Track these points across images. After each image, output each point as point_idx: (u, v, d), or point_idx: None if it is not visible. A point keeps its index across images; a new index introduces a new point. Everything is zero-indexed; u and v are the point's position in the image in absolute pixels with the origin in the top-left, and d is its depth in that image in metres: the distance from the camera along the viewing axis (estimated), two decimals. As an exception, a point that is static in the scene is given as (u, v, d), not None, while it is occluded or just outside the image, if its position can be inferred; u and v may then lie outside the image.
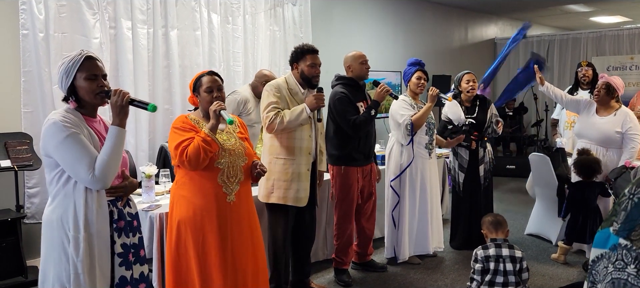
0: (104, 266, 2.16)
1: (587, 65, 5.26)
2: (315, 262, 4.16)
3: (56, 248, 2.11)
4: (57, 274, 2.11)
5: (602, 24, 10.67)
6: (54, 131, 2.06)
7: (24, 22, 4.01)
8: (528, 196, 5.47)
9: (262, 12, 5.69)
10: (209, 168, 2.60)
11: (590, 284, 2.30)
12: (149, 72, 4.75)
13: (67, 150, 2.05)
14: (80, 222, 2.08)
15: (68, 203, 2.09)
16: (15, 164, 3.78)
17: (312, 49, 3.42)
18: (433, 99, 4.10)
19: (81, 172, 2.05)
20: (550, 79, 9.24)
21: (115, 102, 2.13)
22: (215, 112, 2.58)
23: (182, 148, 2.54)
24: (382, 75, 7.20)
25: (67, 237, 2.08)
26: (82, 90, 2.15)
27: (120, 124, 2.14)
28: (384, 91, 3.72)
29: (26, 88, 4.05)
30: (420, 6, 8.23)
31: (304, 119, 3.28)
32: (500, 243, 3.12)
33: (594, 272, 2.20)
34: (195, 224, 2.61)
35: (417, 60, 4.25)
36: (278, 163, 3.33)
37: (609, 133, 4.17)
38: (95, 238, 2.11)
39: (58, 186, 2.11)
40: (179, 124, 2.66)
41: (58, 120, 2.07)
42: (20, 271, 3.85)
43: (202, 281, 2.62)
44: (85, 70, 2.14)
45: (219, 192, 2.63)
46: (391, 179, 4.20)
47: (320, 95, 3.32)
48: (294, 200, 3.35)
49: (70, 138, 2.05)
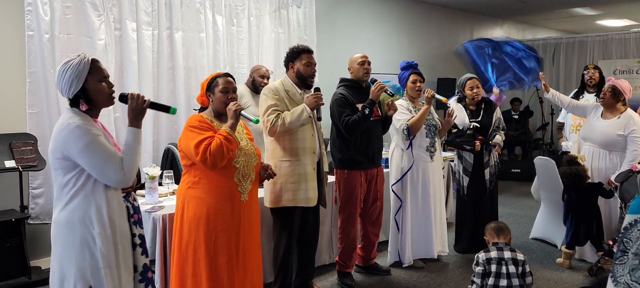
0: (128, 258, 2.28)
1: (594, 68, 5.22)
2: (321, 265, 4.15)
3: (77, 248, 2.13)
4: (80, 272, 2.13)
5: (609, 27, 10.61)
6: (78, 135, 2.09)
7: (29, 23, 4.03)
8: (533, 200, 5.44)
9: (267, 14, 5.69)
10: (227, 166, 2.64)
11: (620, 253, 2.40)
12: (153, 73, 4.76)
13: (94, 153, 2.10)
14: (105, 219, 2.15)
15: (89, 203, 2.14)
16: (20, 165, 3.80)
17: (308, 49, 3.43)
18: (429, 100, 4.08)
19: (110, 173, 2.12)
20: (557, 82, 9.21)
21: (135, 107, 2.22)
22: (235, 112, 2.62)
23: (204, 146, 2.55)
24: (387, 77, 7.16)
25: (92, 235, 2.13)
26: (95, 93, 2.19)
27: (138, 125, 2.24)
28: (378, 89, 3.62)
29: (31, 89, 4.07)
30: (426, 8, 8.22)
31: (305, 119, 3.27)
32: (501, 247, 3.11)
33: (626, 239, 2.33)
34: (208, 224, 2.64)
35: (408, 63, 4.20)
36: (284, 166, 3.31)
37: (611, 136, 4.13)
38: (118, 234, 2.21)
39: (76, 187, 2.14)
40: (196, 123, 2.67)
41: (81, 124, 2.11)
42: (24, 271, 3.86)
43: (211, 281, 2.64)
44: (95, 73, 2.18)
45: (234, 191, 2.68)
46: (392, 183, 4.18)
47: (319, 94, 3.30)
48: (304, 201, 3.34)
49: (95, 141, 2.11)
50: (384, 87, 3.65)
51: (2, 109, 4.05)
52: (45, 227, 4.06)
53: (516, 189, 7.56)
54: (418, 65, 4.26)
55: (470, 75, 4.60)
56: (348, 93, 3.76)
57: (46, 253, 2.24)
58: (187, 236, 2.66)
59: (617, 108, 4.20)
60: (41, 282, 3.79)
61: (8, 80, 4.07)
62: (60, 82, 2.16)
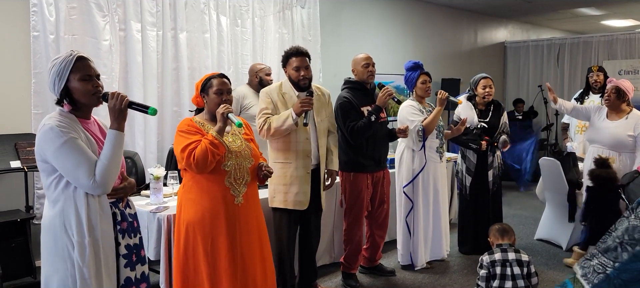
0: (110, 269, 2.14)
1: (598, 70, 5.21)
2: (323, 265, 4.15)
3: (59, 254, 2.05)
4: (62, 280, 2.06)
5: (614, 28, 10.56)
6: (51, 137, 2.00)
7: (34, 24, 4.04)
8: (538, 201, 5.42)
9: (271, 15, 5.69)
10: (216, 171, 2.60)
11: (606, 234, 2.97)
12: (158, 74, 4.77)
13: (65, 157, 2.00)
14: (84, 226, 2.04)
15: (70, 208, 2.04)
16: (25, 165, 3.80)
17: (297, 52, 3.35)
18: (442, 102, 4.06)
19: (81, 178, 2.00)
20: (561, 82, 9.18)
21: (114, 106, 2.08)
22: (223, 115, 2.57)
23: (189, 151, 2.53)
24: (391, 78, 7.17)
25: (72, 242, 2.04)
26: (77, 92, 2.10)
27: (119, 127, 2.09)
28: (386, 95, 3.61)
29: (36, 89, 4.08)
30: (430, 9, 8.20)
31: (290, 124, 3.20)
32: (505, 248, 3.10)
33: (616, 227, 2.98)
34: (203, 227, 2.62)
35: (416, 63, 4.17)
36: (276, 167, 3.30)
37: (621, 137, 4.12)
38: (100, 242, 2.08)
39: (57, 191, 2.05)
40: (185, 127, 2.65)
41: (54, 126, 2.01)
42: (29, 271, 3.86)
43: (211, 284, 2.62)
44: (78, 71, 2.08)
45: (227, 194, 2.63)
46: (404, 185, 4.14)
47: (306, 99, 3.18)
48: (294, 203, 3.33)
49: (68, 143, 2.00)
50: (392, 93, 3.62)
51: (8, 110, 4.06)
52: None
53: (520, 190, 7.55)
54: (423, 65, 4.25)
55: (485, 75, 4.55)
56: (352, 96, 3.73)
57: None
58: (185, 238, 2.65)
59: (623, 109, 4.19)
60: (46, 282, 3.79)
61: (13, 80, 4.09)
62: (49, 81, 2.11)
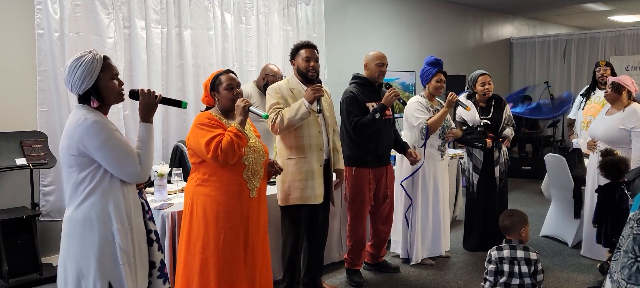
0: (144, 255, 2.28)
1: (606, 65, 5.16)
2: (330, 263, 4.15)
3: (96, 244, 2.11)
4: (100, 269, 2.11)
5: (621, 23, 10.49)
6: (96, 130, 2.08)
7: (39, 21, 4.06)
8: (544, 197, 5.40)
9: (276, 11, 5.69)
10: (237, 164, 2.65)
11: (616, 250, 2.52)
12: (162, 71, 4.78)
13: (113, 149, 2.10)
14: (124, 215, 2.16)
15: (107, 199, 2.13)
16: (30, 163, 3.83)
17: (307, 44, 3.41)
18: (450, 104, 4.05)
19: (130, 168, 2.14)
20: (568, 78, 9.13)
21: (147, 103, 2.25)
22: (244, 108, 2.62)
23: (215, 143, 2.56)
24: (395, 75, 7.16)
25: (111, 231, 2.13)
26: (106, 90, 2.17)
27: (149, 120, 2.26)
28: (393, 96, 3.64)
29: (42, 87, 4.10)
30: (435, 5, 8.17)
31: (304, 113, 3.21)
32: (515, 245, 3.09)
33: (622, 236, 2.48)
34: (217, 221, 2.64)
35: (436, 60, 4.15)
36: (290, 164, 3.31)
37: (613, 130, 4.02)
38: (135, 230, 2.21)
39: (92, 184, 2.12)
40: (205, 121, 2.66)
41: (98, 120, 2.10)
42: (36, 268, 3.90)
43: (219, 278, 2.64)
44: (108, 70, 2.17)
45: (244, 188, 2.69)
46: (402, 180, 4.16)
47: (317, 86, 3.23)
48: (312, 198, 3.34)
49: (114, 136, 2.12)
50: (399, 95, 3.68)
51: (13, 107, 4.09)
52: (56, 224, 4.10)
53: (526, 186, 7.51)
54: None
55: (482, 71, 4.53)
56: (359, 91, 3.75)
57: (57, 251, 2.23)
58: (196, 233, 2.67)
59: (622, 102, 4.13)
60: (52, 278, 3.82)
61: (18, 78, 4.11)
62: (70, 78, 2.12)
